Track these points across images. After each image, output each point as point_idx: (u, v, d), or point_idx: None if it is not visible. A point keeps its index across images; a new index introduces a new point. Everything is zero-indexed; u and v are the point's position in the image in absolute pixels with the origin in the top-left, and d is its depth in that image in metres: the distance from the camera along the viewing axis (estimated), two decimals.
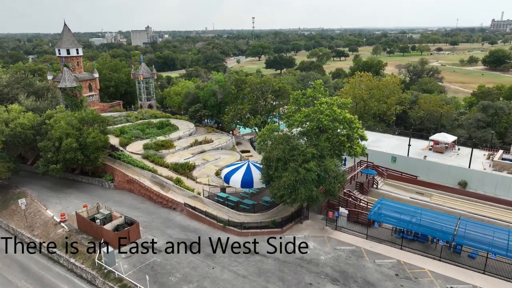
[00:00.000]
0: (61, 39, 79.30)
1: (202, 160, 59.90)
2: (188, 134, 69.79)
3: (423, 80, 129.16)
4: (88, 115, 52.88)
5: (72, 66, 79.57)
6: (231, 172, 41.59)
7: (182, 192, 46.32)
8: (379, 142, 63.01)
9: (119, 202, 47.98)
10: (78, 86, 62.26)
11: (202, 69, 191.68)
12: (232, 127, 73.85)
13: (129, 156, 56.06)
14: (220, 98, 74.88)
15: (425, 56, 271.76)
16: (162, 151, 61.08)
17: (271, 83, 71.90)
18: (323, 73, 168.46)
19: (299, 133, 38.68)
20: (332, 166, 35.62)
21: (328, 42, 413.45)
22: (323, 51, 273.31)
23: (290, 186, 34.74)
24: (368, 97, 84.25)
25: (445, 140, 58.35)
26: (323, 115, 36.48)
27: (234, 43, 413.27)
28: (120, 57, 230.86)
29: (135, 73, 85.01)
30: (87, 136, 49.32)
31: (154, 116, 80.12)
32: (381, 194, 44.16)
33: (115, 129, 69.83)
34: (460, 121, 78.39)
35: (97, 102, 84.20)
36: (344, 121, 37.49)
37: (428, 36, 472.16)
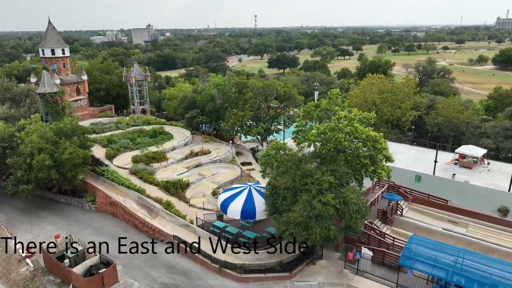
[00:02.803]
0: (45, 38, 72.06)
1: (197, 176, 53.16)
2: (183, 144, 63.03)
3: (434, 81, 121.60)
4: (66, 126, 45.96)
5: (58, 68, 72.76)
6: (229, 199, 34.67)
7: (172, 219, 39.47)
8: (396, 155, 55.39)
9: (99, 230, 41.15)
10: (59, 91, 55.34)
11: (202, 68, 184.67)
12: (232, 134, 67.02)
13: (114, 172, 49.24)
14: (219, 103, 67.99)
15: (432, 55, 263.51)
16: (153, 165, 54.42)
17: (275, 87, 64.98)
18: (328, 73, 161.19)
19: (311, 154, 31.53)
20: (354, 198, 28.65)
21: (331, 41, 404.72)
22: (327, 50, 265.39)
23: (302, 223, 27.89)
24: (380, 102, 77.16)
25: (473, 153, 51.32)
26: (342, 134, 29.40)
27: (236, 42, 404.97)
28: (119, 56, 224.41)
29: (126, 75, 77.94)
30: (63, 151, 42.49)
31: (147, 123, 73.35)
32: (408, 224, 37.19)
33: (103, 138, 63.10)
34: (483, 128, 71.22)
35: (85, 106, 77.38)
36: (367, 140, 30.49)
37: (433, 35, 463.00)
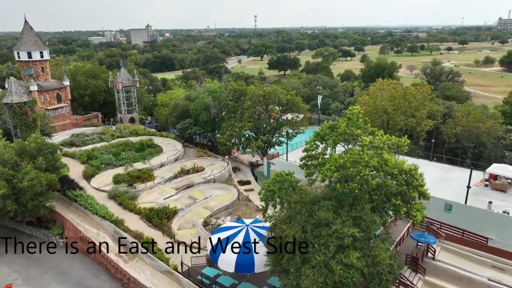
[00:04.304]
0: (20, 39, 64.44)
1: (188, 199, 46.04)
2: (173, 159, 55.94)
3: (445, 85, 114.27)
4: (29, 145, 38.77)
5: (36, 72, 65.57)
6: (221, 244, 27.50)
7: (152, 262, 32.23)
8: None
9: (64, 275, 33.83)
10: (30, 101, 48.16)
11: (200, 70, 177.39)
12: (228, 147, 59.81)
13: (89, 197, 41.98)
14: (214, 112, 60.81)
15: (436, 56, 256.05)
16: (137, 186, 47.34)
17: (277, 95, 57.85)
18: (331, 76, 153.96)
19: (326, 193, 24.19)
20: (386, 258, 21.47)
21: (332, 41, 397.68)
22: (329, 51, 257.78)
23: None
24: (392, 110, 69.98)
25: (508, 174, 44.13)
26: (368, 169, 22.13)
27: (236, 42, 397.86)
28: (115, 57, 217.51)
29: (113, 80, 70.64)
30: (23, 177, 35.32)
31: (135, 133, 66.17)
32: (444, 272, 29.94)
33: (82, 153, 55.97)
34: (508, 140, 64.01)
35: (67, 115, 70.09)
36: (399, 174, 23.31)
37: (435, 35, 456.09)
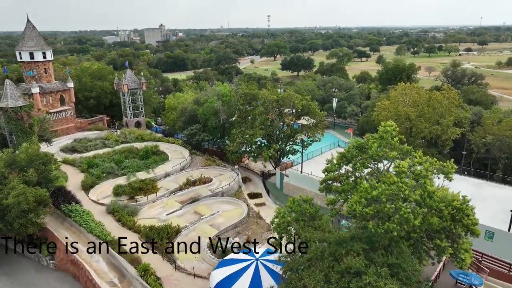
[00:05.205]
0: (22, 39, 61.51)
1: (192, 214, 42.07)
2: (179, 168, 52.09)
3: (468, 88, 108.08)
4: (19, 155, 35.29)
5: (38, 74, 62.59)
6: (226, 283, 23.37)
7: None
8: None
9: None
10: (26, 106, 44.99)
11: (212, 71, 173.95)
12: (238, 156, 55.71)
13: (85, 212, 38.32)
14: (223, 118, 56.79)
15: (454, 57, 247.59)
16: (138, 199, 43.62)
17: (292, 100, 53.54)
18: (346, 77, 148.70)
19: (355, 232, 19.64)
20: None
21: (347, 42, 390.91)
22: (343, 51, 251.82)
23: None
24: (415, 116, 64.87)
25: None
26: (409, 207, 17.52)
27: (249, 42, 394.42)
28: (127, 56, 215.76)
29: (118, 82, 67.18)
30: (8, 193, 31.79)
31: (141, 138, 62.51)
32: None
33: (83, 160, 52.53)
34: None
35: (71, 118, 66.96)
36: (445, 208, 18.74)
37: (453, 35, 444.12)
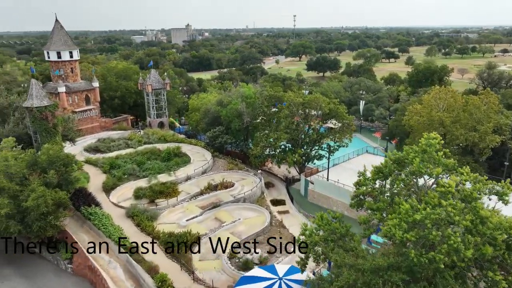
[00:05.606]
0: (50, 39, 62.13)
1: (213, 221, 40.68)
2: (201, 172, 50.89)
3: (507, 92, 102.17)
4: (41, 156, 34.82)
5: (65, 73, 62.97)
6: None
7: None
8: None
9: None
10: (51, 105, 44.82)
11: (236, 71, 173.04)
12: (262, 160, 54.06)
13: (104, 216, 37.58)
14: (247, 121, 55.23)
15: (489, 59, 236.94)
16: (159, 203, 42.62)
17: (319, 103, 51.36)
18: (374, 79, 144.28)
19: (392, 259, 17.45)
20: None
21: (374, 42, 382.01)
22: (371, 52, 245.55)
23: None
24: (450, 122, 61.07)
25: None
26: (459, 234, 15.28)
27: (274, 42, 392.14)
28: (154, 56, 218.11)
29: (142, 82, 66.80)
30: (28, 195, 31.28)
31: (163, 139, 61.87)
32: None
33: (105, 160, 52.17)
34: None
35: (96, 117, 67.16)
36: (501, 236, 16.32)
37: (487, 36, 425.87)
